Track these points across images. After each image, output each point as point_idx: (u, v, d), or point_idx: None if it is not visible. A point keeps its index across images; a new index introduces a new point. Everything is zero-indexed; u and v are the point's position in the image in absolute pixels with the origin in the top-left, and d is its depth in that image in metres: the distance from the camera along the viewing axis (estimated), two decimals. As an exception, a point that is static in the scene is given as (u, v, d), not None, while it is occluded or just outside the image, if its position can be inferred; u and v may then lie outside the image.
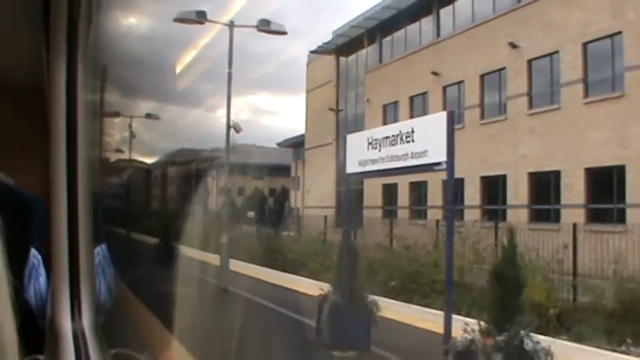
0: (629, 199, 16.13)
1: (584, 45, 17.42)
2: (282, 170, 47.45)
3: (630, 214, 15.92)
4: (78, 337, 1.55)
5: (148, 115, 21.55)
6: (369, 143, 8.37)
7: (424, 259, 15.56)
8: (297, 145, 38.50)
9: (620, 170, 16.27)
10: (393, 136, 7.98)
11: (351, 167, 9.15)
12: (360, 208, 27.45)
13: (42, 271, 1.76)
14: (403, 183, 24.86)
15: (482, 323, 5.87)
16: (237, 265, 16.08)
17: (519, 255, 8.38)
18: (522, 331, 5.62)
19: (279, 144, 47.54)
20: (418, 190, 24.38)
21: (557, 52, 18.17)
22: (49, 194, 1.63)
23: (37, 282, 1.75)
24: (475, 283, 14.27)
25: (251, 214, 46.53)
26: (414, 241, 16.85)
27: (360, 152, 8.62)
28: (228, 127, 16.86)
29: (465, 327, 5.96)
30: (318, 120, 31.89)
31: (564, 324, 11.68)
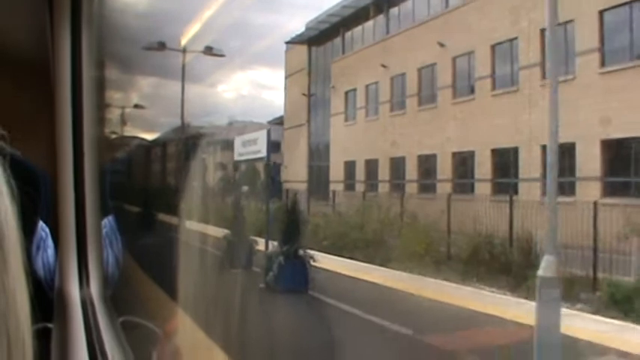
0: (521, 175, 19.83)
1: (492, 47, 20.96)
2: (276, 146, 50.92)
3: (523, 187, 19.63)
4: (86, 305, 1.58)
5: (136, 106, 24.95)
6: (242, 143, 12.17)
7: (352, 223, 19.37)
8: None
9: (515, 151, 19.93)
10: (250, 140, 11.77)
11: (236, 157, 12.97)
12: (327, 183, 31.21)
13: (50, 243, 1.73)
14: (360, 161, 28.56)
15: (278, 243, 9.68)
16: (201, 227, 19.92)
17: (299, 207, 12.79)
18: (298, 247, 9.43)
19: (269, 121, 50.99)
20: (372, 167, 28.05)
21: (473, 51, 21.71)
22: (55, 166, 1.64)
23: (45, 254, 1.72)
24: (386, 240, 18.07)
25: (245, 188, 50.16)
26: (346, 208, 20.66)
27: (240, 148, 12.41)
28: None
29: (273, 246, 9.77)
30: (295, 103, 35.51)
31: (437, 268, 15.49)
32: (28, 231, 1.51)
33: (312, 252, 9.98)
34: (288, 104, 37.57)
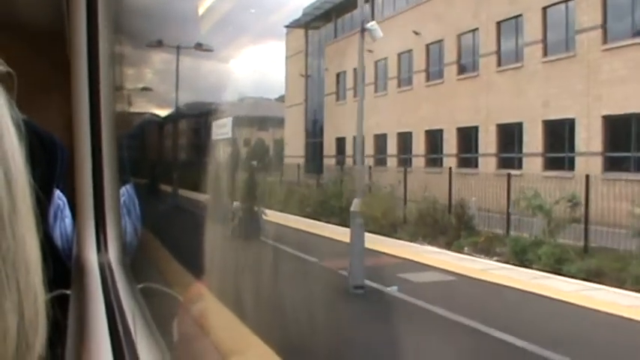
0: (481, 151, 22.45)
1: (459, 36, 23.43)
2: (282, 122, 53.84)
3: (481, 161, 22.27)
4: (105, 270, 1.58)
5: (144, 89, 27.62)
6: (216, 127, 15.00)
7: (331, 193, 22.21)
8: (290, 100, 45.03)
9: (476, 129, 22.53)
10: (221, 124, 14.57)
11: (213, 137, 15.80)
12: (321, 157, 34.02)
13: (67, 212, 1.74)
14: (349, 137, 31.22)
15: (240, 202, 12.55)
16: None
17: (256, 176, 15.48)
18: (253, 205, 12.31)
19: (276, 99, 53.65)
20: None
21: (442, 40, 24.19)
22: (72, 135, 1.67)
23: (63, 223, 1.73)
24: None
25: (254, 163, 53.23)
26: (330, 180, 23.49)
27: (215, 130, 15.25)
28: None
29: (237, 204, 12.64)
30: (294, 83, 38.17)
31: (394, 229, 18.27)
32: (44, 200, 1.44)
33: (264, 209, 12.89)
34: (289, 84, 40.22)
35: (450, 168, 18.24)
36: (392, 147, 27.75)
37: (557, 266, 12.18)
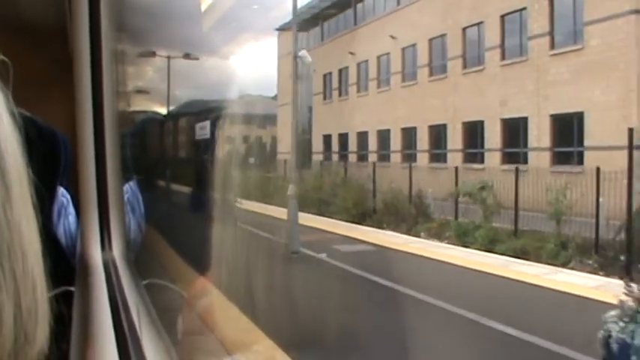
0: (449, 147, 24.35)
1: (430, 40, 25.31)
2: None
3: (450, 156, 24.15)
4: (109, 267, 1.57)
5: (139, 91, 29.53)
6: (199, 128, 16.99)
7: (311, 186, 24.14)
8: (284, 99, 47.07)
9: (444, 127, 24.43)
10: (203, 126, 16.55)
11: (196, 137, 17.75)
12: (310, 153, 35.94)
13: (71, 210, 1.72)
14: (334, 135, 33.16)
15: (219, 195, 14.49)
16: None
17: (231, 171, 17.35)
18: (231, 197, 14.27)
19: (272, 97, 55.48)
20: (344, 140, 32.68)
21: (415, 44, 26.07)
22: (75, 131, 1.65)
23: (67, 221, 1.71)
24: (329, 198, 22.79)
25: (251, 160, 55.12)
26: (313, 175, 25.42)
27: (198, 131, 17.22)
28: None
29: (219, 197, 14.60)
30: (285, 83, 40.12)
31: (364, 218, 20.17)
32: (48, 197, 1.43)
33: (238, 198, 14.90)
34: (281, 84, 42.18)
35: (410, 163, 20.16)
36: (373, 144, 29.66)
37: (490, 246, 14.10)
